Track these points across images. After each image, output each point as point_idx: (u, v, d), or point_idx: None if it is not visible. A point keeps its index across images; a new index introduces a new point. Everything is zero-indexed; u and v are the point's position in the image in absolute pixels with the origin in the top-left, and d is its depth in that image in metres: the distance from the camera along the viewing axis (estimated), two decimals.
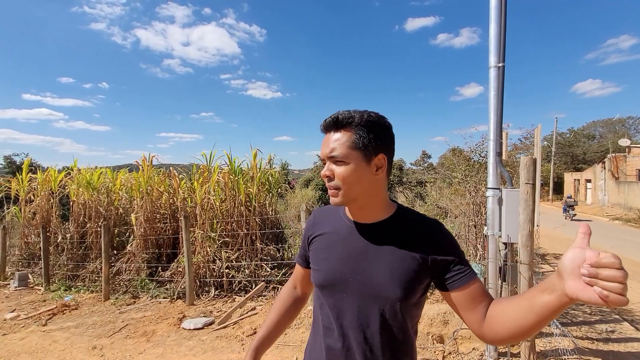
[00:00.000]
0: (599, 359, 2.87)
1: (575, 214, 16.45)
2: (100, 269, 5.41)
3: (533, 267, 2.48)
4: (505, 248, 2.74)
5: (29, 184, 7.39)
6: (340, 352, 0.86)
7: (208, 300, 4.78)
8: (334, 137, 0.84)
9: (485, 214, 3.28)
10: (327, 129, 0.87)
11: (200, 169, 6.02)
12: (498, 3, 2.90)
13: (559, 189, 27.28)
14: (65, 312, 4.69)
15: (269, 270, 5.10)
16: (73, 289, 5.73)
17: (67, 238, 6.48)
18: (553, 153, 26.86)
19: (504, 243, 2.75)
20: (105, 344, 3.56)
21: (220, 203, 5.56)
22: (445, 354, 2.94)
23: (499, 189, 2.86)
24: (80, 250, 6.37)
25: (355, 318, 0.85)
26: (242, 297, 4.71)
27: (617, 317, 3.88)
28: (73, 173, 6.90)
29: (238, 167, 5.81)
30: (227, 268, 5.04)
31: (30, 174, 7.48)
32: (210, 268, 5.06)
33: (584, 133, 36.95)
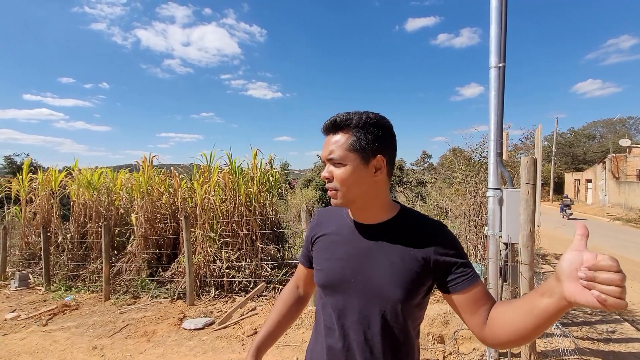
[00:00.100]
0: (600, 359, 2.87)
1: (572, 213, 16.73)
2: (101, 269, 5.41)
3: (534, 267, 2.48)
4: (506, 248, 2.74)
5: (30, 184, 7.39)
6: (341, 352, 0.86)
7: (208, 301, 4.78)
8: (333, 139, 0.85)
9: (486, 214, 3.28)
10: (326, 132, 0.88)
11: (201, 169, 6.02)
12: (498, 3, 2.90)
13: (560, 189, 27.26)
14: (66, 312, 4.69)
15: (270, 271, 5.10)
16: (73, 289, 5.73)
17: (67, 238, 6.49)
18: (554, 153, 26.86)
19: (505, 243, 2.75)
20: (106, 344, 3.56)
21: (221, 203, 5.57)
22: (446, 354, 2.93)
23: (500, 189, 2.86)
24: (81, 251, 6.37)
25: (357, 318, 0.85)
26: (242, 297, 4.71)
27: (617, 317, 3.88)
28: (74, 173, 6.91)
29: (238, 167, 5.82)
30: (227, 268, 5.04)
31: (31, 174, 7.48)
32: (211, 268, 5.06)
33: (585, 133, 36.95)
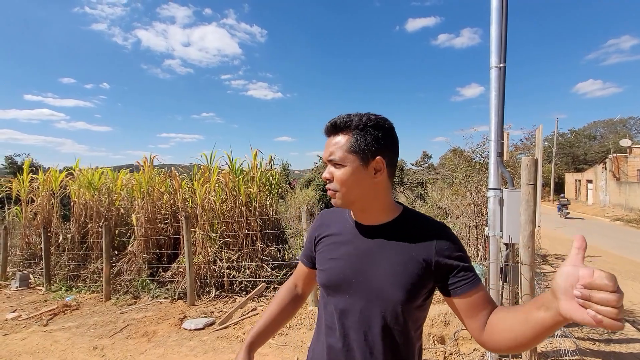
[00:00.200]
0: None
1: (569, 213, 16.99)
2: (101, 269, 5.42)
3: (534, 267, 2.48)
4: (507, 249, 2.74)
5: (30, 185, 7.40)
6: (341, 351, 0.87)
7: (209, 301, 4.78)
8: (334, 140, 0.87)
9: (487, 215, 3.28)
10: (327, 133, 0.90)
11: (201, 170, 6.03)
12: (499, 4, 2.90)
13: (560, 190, 27.21)
14: (67, 312, 4.70)
15: (270, 271, 5.10)
16: (74, 289, 5.74)
17: (68, 238, 6.50)
18: (554, 153, 26.86)
19: (505, 244, 2.75)
20: (107, 344, 3.56)
21: (221, 203, 5.57)
22: (447, 355, 2.93)
23: (500, 190, 2.86)
24: (81, 251, 6.38)
25: (357, 319, 0.86)
26: (243, 297, 4.71)
27: None
28: (75, 173, 6.92)
29: (239, 167, 5.82)
30: (227, 268, 5.04)
31: (32, 175, 7.49)
32: (211, 268, 5.06)
33: (585, 133, 36.94)
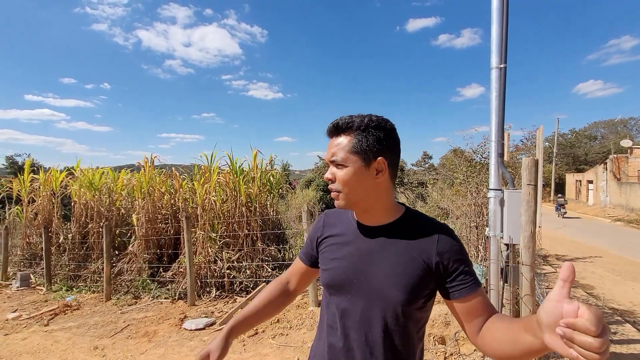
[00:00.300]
0: None
1: (566, 212, 17.47)
2: (102, 270, 5.42)
3: (535, 268, 2.48)
4: (507, 249, 2.74)
5: (31, 185, 7.41)
6: (342, 350, 0.87)
7: (209, 301, 4.78)
8: (336, 141, 0.88)
9: (487, 215, 3.27)
10: (330, 134, 0.90)
11: (202, 170, 6.04)
12: (500, 4, 2.90)
13: (561, 190, 27.20)
14: (67, 312, 4.70)
15: (270, 271, 5.10)
16: (75, 289, 5.74)
17: (68, 238, 6.50)
18: (555, 154, 26.85)
19: (506, 244, 2.75)
20: (107, 344, 3.57)
21: (222, 204, 5.58)
22: (447, 355, 2.93)
23: (501, 190, 2.86)
24: (82, 251, 6.39)
25: (358, 319, 0.86)
26: (243, 297, 4.71)
27: (619, 318, 3.87)
28: (76, 173, 6.93)
29: (239, 167, 5.83)
30: (228, 269, 5.05)
31: (32, 175, 7.50)
32: (212, 269, 5.07)
33: (586, 134, 36.92)
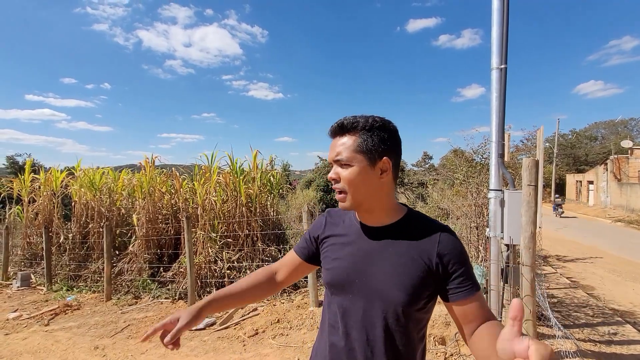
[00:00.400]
0: None
1: (563, 212, 17.96)
2: (102, 269, 5.43)
3: (535, 269, 2.49)
4: (508, 250, 2.74)
5: (32, 185, 7.41)
6: (343, 350, 0.87)
7: None
8: (340, 141, 0.87)
9: (487, 216, 3.28)
10: (334, 134, 0.90)
11: (202, 170, 6.04)
12: (500, 5, 2.90)
13: (561, 191, 27.20)
14: (68, 312, 4.70)
15: None
16: (75, 289, 5.75)
17: (69, 238, 6.51)
18: (555, 154, 26.78)
19: (506, 245, 2.75)
20: (108, 344, 3.57)
21: (222, 204, 5.58)
22: (447, 356, 2.93)
23: (501, 191, 2.86)
24: (83, 251, 6.39)
25: (360, 319, 0.86)
26: None
27: (619, 319, 3.87)
28: (77, 173, 6.93)
29: (240, 167, 5.83)
30: (228, 269, 5.05)
31: (33, 175, 7.50)
32: (212, 269, 5.07)
33: (586, 134, 36.87)
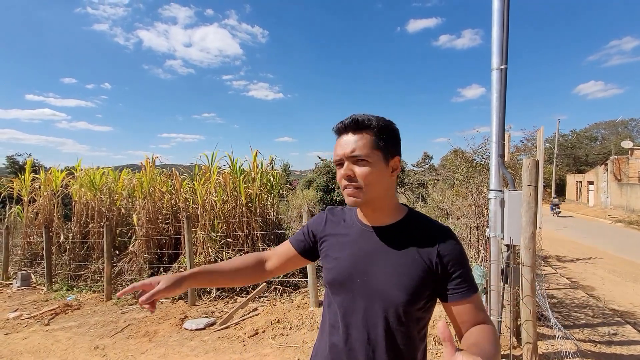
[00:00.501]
0: None
1: (561, 211, 18.39)
2: (103, 269, 5.43)
3: (535, 269, 2.49)
4: (508, 250, 2.74)
5: (32, 184, 7.42)
6: (343, 350, 0.87)
7: (209, 301, 4.78)
8: (354, 137, 0.85)
9: (488, 216, 3.28)
10: (345, 130, 0.87)
11: (202, 170, 6.05)
12: (500, 5, 2.90)
13: (562, 191, 27.19)
14: (68, 312, 4.71)
15: None
16: (75, 289, 5.75)
17: (69, 238, 6.51)
18: (555, 155, 26.75)
19: (506, 245, 2.75)
20: (108, 344, 3.57)
21: (222, 204, 5.58)
22: None
23: (502, 191, 2.86)
24: (83, 251, 6.39)
25: (361, 319, 0.86)
26: (243, 297, 4.71)
27: (619, 319, 3.87)
28: (77, 173, 6.94)
29: (240, 167, 5.84)
30: None
31: (33, 174, 7.51)
32: None
33: (587, 135, 36.83)
